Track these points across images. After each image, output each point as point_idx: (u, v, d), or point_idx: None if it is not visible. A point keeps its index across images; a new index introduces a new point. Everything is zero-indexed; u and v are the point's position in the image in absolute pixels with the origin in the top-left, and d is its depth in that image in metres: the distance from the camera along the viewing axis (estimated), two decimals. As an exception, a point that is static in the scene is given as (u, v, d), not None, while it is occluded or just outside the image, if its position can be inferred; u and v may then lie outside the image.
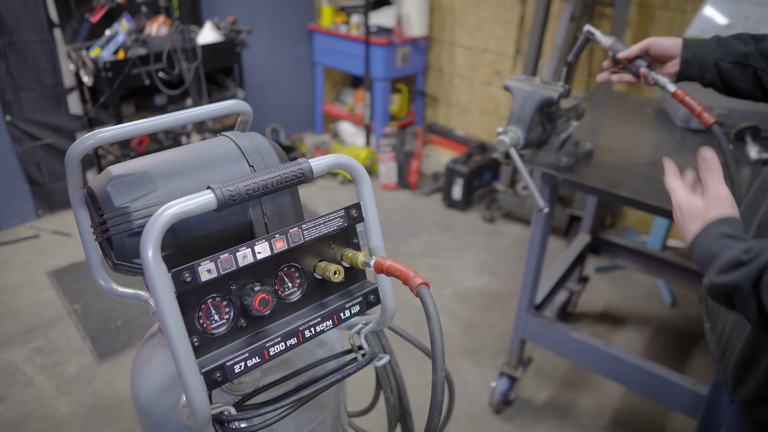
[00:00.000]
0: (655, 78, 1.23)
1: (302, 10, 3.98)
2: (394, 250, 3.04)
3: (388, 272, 0.71)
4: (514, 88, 1.43)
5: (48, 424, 1.99)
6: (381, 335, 1.03)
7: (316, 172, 0.70)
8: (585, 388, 2.20)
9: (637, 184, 1.50)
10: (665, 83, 1.22)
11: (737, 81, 1.13)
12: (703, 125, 1.18)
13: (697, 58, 1.16)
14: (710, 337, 0.97)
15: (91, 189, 0.72)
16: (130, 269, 0.72)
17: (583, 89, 3.17)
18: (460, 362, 2.30)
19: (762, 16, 2.08)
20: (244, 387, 0.79)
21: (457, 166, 3.40)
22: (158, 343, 0.90)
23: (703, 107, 1.19)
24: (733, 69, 1.12)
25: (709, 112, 1.18)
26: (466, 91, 3.82)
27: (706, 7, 2.22)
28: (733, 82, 1.14)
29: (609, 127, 1.93)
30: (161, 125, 0.85)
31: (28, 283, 2.73)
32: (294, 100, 4.20)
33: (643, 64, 1.25)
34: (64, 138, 3.20)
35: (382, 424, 1.90)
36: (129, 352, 2.31)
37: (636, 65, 1.26)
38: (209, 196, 0.62)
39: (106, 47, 2.91)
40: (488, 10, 3.48)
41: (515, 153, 1.39)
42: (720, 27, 2.17)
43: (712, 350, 0.95)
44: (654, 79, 1.24)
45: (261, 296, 0.68)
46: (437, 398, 0.62)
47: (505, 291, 2.75)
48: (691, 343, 2.43)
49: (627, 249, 2.44)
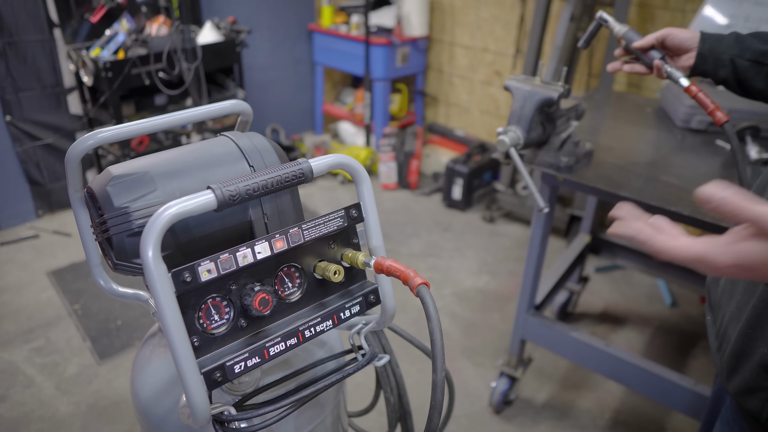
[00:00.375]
0: (668, 71, 1.20)
1: (302, 10, 3.98)
2: (394, 250, 3.04)
3: (388, 272, 0.71)
4: (514, 88, 1.43)
5: (48, 424, 1.99)
6: (381, 335, 1.03)
7: (316, 172, 0.70)
8: (585, 388, 2.20)
9: (637, 184, 1.50)
10: (678, 77, 1.19)
11: (752, 80, 1.10)
12: (715, 123, 1.16)
13: (713, 54, 1.14)
14: (710, 329, 0.98)
15: (91, 189, 0.72)
16: (130, 269, 0.72)
17: (583, 89, 3.17)
18: (460, 362, 2.30)
19: (762, 16, 2.08)
20: (244, 387, 0.79)
21: (457, 166, 3.40)
22: (158, 343, 0.90)
23: (716, 105, 1.16)
24: (750, 67, 1.10)
25: (722, 111, 1.15)
26: (466, 91, 3.82)
27: (706, 7, 2.22)
28: (748, 80, 1.11)
29: (609, 127, 1.93)
30: (161, 125, 0.85)
31: (28, 283, 2.73)
32: (294, 100, 4.20)
33: (657, 55, 1.22)
34: (64, 138, 3.20)
35: (382, 424, 1.90)
36: (129, 352, 2.31)
37: (650, 56, 1.23)
38: (209, 196, 0.62)
39: (106, 47, 2.91)
40: (488, 10, 3.48)
41: (515, 153, 1.39)
42: (720, 27, 2.17)
43: (711, 342, 0.96)
44: (668, 72, 1.20)
45: (261, 296, 0.68)
46: (437, 398, 0.61)
47: (505, 291, 2.75)
48: (691, 343, 2.43)
49: (627, 249, 2.44)
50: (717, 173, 1.58)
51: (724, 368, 0.88)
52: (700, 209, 1.37)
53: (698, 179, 1.53)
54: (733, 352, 0.85)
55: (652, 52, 1.24)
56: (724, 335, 0.90)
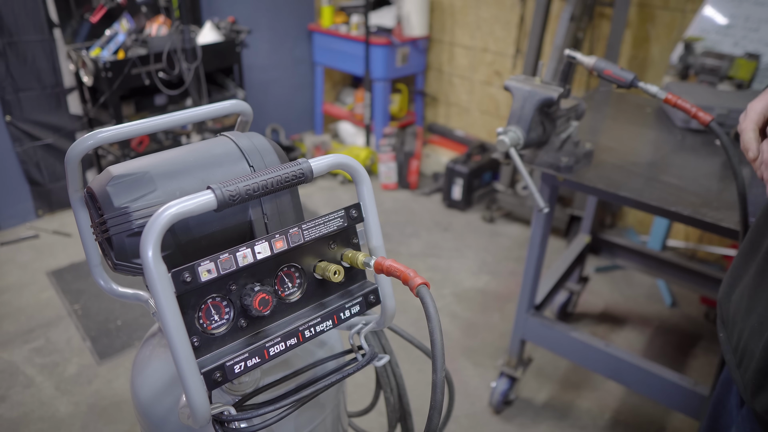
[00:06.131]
0: (643, 87, 1.26)
1: (302, 10, 3.98)
2: (394, 250, 3.04)
3: (388, 272, 0.71)
4: (514, 88, 1.43)
5: (48, 424, 1.99)
6: (381, 335, 1.03)
7: (316, 172, 0.70)
8: (585, 388, 2.20)
9: (637, 184, 1.50)
10: (655, 91, 1.25)
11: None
12: (702, 124, 1.19)
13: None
14: (725, 346, 0.95)
15: (91, 189, 0.72)
16: (130, 269, 0.72)
17: (583, 89, 3.17)
18: (460, 362, 2.30)
19: (762, 17, 2.08)
20: (244, 387, 0.79)
21: (457, 166, 3.40)
22: (158, 343, 0.90)
23: (697, 108, 1.19)
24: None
25: (705, 111, 1.18)
26: (466, 91, 3.82)
27: (706, 7, 2.22)
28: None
29: (609, 127, 1.93)
30: (161, 125, 0.85)
31: (28, 283, 2.73)
32: (294, 100, 4.20)
33: (630, 77, 1.29)
34: (64, 138, 3.20)
35: (382, 424, 1.90)
36: (129, 352, 2.31)
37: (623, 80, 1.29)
38: (209, 196, 0.62)
39: (106, 47, 2.91)
40: (488, 10, 3.48)
41: (515, 153, 1.39)
42: (720, 27, 2.17)
43: (728, 359, 0.93)
44: (643, 88, 1.26)
45: (261, 296, 0.68)
46: (437, 398, 0.61)
47: (505, 291, 2.75)
48: (691, 343, 2.43)
49: (627, 249, 2.44)
50: (717, 173, 1.58)
51: (749, 385, 0.86)
52: (700, 209, 1.37)
53: (698, 179, 1.53)
54: (759, 368, 0.83)
55: (624, 73, 1.29)
56: (744, 351, 0.88)
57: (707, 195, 1.45)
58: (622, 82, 1.29)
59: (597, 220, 2.48)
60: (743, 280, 0.93)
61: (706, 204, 1.39)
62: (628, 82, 1.30)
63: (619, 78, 1.31)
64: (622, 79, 1.29)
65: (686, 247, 3.03)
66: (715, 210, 1.36)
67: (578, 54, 1.36)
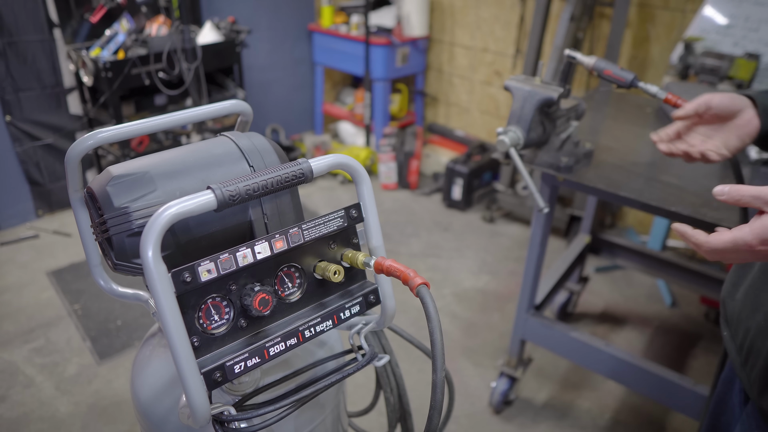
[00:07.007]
0: (643, 87, 1.26)
1: (302, 10, 3.98)
2: (394, 250, 3.04)
3: (388, 272, 0.71)
4: (514, 88, 1.43)
5: (48, 424, 1.99)
6: (381, 335, 1.03)
7: (316, 172, 0.70)
8: (585, 388, 2.20)
9: (637, 184, 1.50)
10: (655, 91, 1.25)
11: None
12: None
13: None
14: (730, 345, 0.95)
15: (91, 189, 0.72)
16: (130, 269, 0.72)
17: (583, 89, 3.17)
18: (460, 362, 2.30)
19: (762, 17, 2.08)
20: (244, 387, 0.79)
21: (457, 166, 3.40)
22: (158, 343, 0.90)
23: None
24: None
25: None
26: (466, 91, 3.82)
27: (706, 7, 2.22)
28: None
29: (609, 127, 1.93)
30: (161, 125, 0.85)
31: (28, 283, 2.73)
32: (294, 100, 4.20)
33: (629, 77, 1.29)
34: (64, 138, 3.20)
35: (382, 424, 1.90)
36: (129, 352, 2.31)
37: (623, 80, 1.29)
38: (209, 196, 0.62)
39: (106, 47, 2.91)
40: (488, 10, 3.48)
41: (515, 153, 1.39)
42: (720, 27, 2.17)
43: (733, 357, 0.93)
44: (643, 88, 1.26)
45: (261, 296, 0.68)
46: (437, 398, 0.61)
47: (505, 291, 2.75)
48: (691, 343, 2.43)
49: (627, 249, 2.44)
50: (717, 173, 1.58)
51: (755, 384, 0.85)
52: (700, 209, 1.37)
53: (698, 179, 1.53)
54: (766, 366, 0.83)
55: (624, 73, 1.29)
56: (750, 349, 0.87)
57: (707, 195, 1.44)
58: (622, 82, 1.29)
59: (597, 220, 2.48)
60: (748, 278, 0.93)
61: (706, 204, 1.39)
62: (628, 82, 1.29)
63: (619, 78, 1.30)
64: (622, 79, 1.29)
65: (686, 247, 3.03)
66: (715, 210, 1.36)
67: (578, 54, 1.36)
